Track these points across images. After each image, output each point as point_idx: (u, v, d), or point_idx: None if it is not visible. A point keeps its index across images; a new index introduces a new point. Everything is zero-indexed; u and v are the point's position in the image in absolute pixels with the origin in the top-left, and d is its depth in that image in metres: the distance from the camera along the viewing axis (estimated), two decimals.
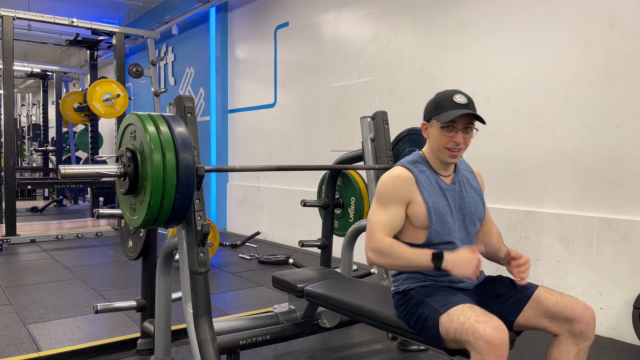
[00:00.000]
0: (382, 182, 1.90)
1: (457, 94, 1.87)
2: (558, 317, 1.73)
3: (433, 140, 1.87)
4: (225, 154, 7.52)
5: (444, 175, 1.92)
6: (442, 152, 1.85)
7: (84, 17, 7.38)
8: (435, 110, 1.85)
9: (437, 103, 1.87)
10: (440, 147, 1.85)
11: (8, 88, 6.35)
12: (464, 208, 1.91)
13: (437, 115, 1.84)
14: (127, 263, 5.13)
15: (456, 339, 1.62)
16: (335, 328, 2.59)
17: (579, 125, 3.44)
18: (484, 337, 1.51)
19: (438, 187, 1.88)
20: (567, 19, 3.50)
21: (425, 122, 1.90)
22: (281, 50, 6.44)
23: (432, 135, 1.88)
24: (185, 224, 2.15)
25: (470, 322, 1.57)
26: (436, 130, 1.84)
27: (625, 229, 3.14)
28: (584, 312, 1.72)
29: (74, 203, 11.01)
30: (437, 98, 1.89)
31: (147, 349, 2.82)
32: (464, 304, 1.67)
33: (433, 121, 1.85)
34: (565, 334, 1.74)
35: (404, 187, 1.85)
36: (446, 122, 1.80)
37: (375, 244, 1.82)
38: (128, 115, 2.05)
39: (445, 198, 1.88)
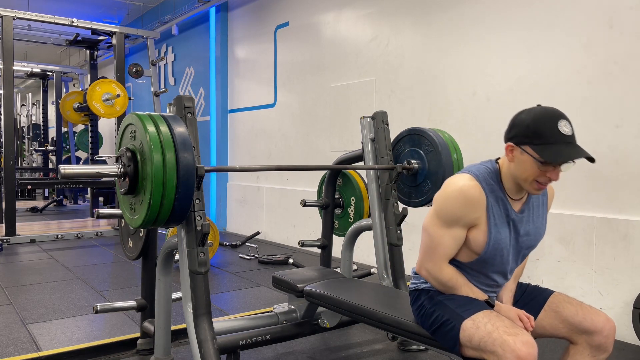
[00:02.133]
0: (451, 196, 1.65)
1: (561, 119, 1.57)
2: (577, 327, 1.67)
3: (522, 169, 1.62)
4: (225, 154, 7.52)
5: (514, 199, 1.71)
6: (529, 184, 1.63)
7: (84, 17, 7.38)
8: (535, 138, 1.57)
9: (538, 129, 1.57)
10: (528, 179, 1.62)
11: (8, 88, 6.35)
12: (524, 241, 1.75)
13: (537, 147, 1.56)
14: (127, 263, 5.13)
15: (480, 347, 1.53)
16: (335, 328, 2.59)
17: (579, 125, 3.42)
18: (514, 352, 1.43)
19: (506, 215, 1.69)
20: (567, 19, 3.50)
21: (514, 144, 1.63)
22: (281, 50, 6.44)
23: (520, 164, 1.61)
24: (185, 224, 2.15)
25: (500, 333, 1.49)
26: (529, 160, 1.59)
27: (625, 229, 3.14)
28: (604, 325, 1.65)
29: (74, 203, 11.01)
30: (536, 120, 1.58)
31: (147, 349, 2.81)
32: (489, 310, 1.60)
33: (528, 149, 1.58)
34: (583, 344, 1.68)
35: (474, 210, 1.64)
36: (554, 162, 1.55)
37: (436, 272, 1.69)
38: (128, 115, 2.05)
39: (508, 229, 1.69)
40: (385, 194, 2.89)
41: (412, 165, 2.90)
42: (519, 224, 1.71)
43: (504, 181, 1.70)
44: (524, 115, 1.63)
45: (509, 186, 1.69)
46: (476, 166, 1.74)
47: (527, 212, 1.74)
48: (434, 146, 2.82)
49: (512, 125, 1.67)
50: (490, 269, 1.72)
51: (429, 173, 2.86)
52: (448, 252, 1.69)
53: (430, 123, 4.37)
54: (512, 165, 1.66)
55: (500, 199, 1.68)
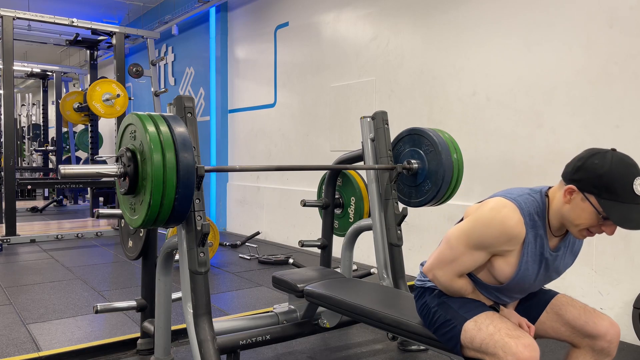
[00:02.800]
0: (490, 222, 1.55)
1: (638, 177, 1.44)
2: (579, 331, 1.64)
3: (577, 215, 1.49)
4: (225, 154, 7.52)
5: (554, 236, 1.60)
6: (579, 231, 1.52)
7: (84, 17, 7.38)
8: (605, 192, 1.43)
9: (611, 184, 1.43)
10: (579, 226, 1.50)
11: (8, 88, 6.35)
12: (550, 276, 1.68)
13: (605, 201, 1.43)
14: (127, 263, 5.13)
15: (481, 349, 1.52)
16: (335, 328, 2.59)
17: (579, 125, 3.44)
18: (516, 355, 1.42)
19: (540, 254, 1.59)
20: (567, 19, 3.50)
21: (578, 190, 1.47)
22: (281, 50, 6.44)
23: (578, 210, 1.48)
24: (185, 224, 2.15)
25: (501, 335, 1.48)
26: (589, 210, 1.46)
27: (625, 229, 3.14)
28: (608, 330, 1.62)
29: (74, 203, 11.01)
30: (611, 173, 1.44)
31: (147, 349, 2.82)
32: (492, 311, 1.59)
33: (593, 200, 1.45)
34: (586, 348, 1.65)
35: (509, 245, 1.55)
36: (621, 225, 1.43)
37: (445, 281, 1.66)
38: (128, 115, 2.05)
39: (539, 267, 1.61)
40: (385, 194, 2.89)
41: (412, 165, 2.90)
42: (551, 262, 1.63)
43: (550, 217, 1.57)
44: (598, 162, 1.46)
45: (553, 223, 1.57)
46: (524, 195, 1.59)
47: (563, 249, 1.64)
48: (434, 146, 2.82)
49: (579, 168, 1.49)
50: (507, 294, 1.69)
51: (429, 173, 2.86)
52: (462, 270, 1.64)
53: (430, 123, 4.37)
54: (566, 207, 1.51)
55: (540, 236, 1.57)
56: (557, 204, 1.54)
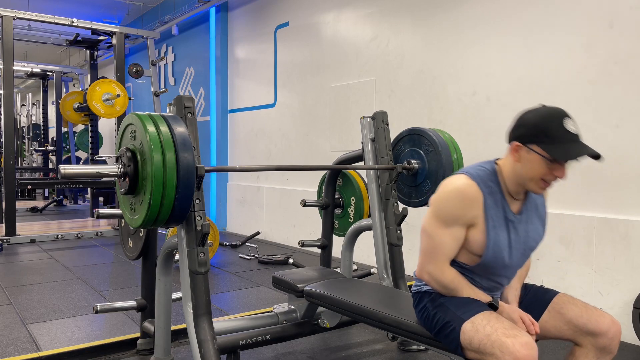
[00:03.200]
0: (447, 195, 1.66)
1: (565, 117, 1.58)
2: (581, 329, 1.65)
3: (529, 168, 1.61)
4: (225, 154, 7.52)
5: (514, 200, 1.70)
6: (535, 183, 1.62)
7: (84, 17, 7.38)
8: (543, 136, 1.56)
9: (545, 129, 1.57)
10: (534, 178, 1.61)
11: (8, 88, 6.35)
12: (523, 242, 1.73)
13: (545, 145, 1.56)
14: (127, 263, 5.13)
15: (479, 350, 1.52)
16: (335, 328, 2.59)
17: (579, 125, 3.44)
18: (513, 354, 1.42)
19: (504, 217, 1.67)
20: (567, 19, 3.50)
21: (520, 144, 1.61)
22: (281, 50, 6.44)
23: (528, 163, 1.60)
24: (185, 224, 2.15)
25: (498, 335, 1.48)
26: (537, 159, 1.58)
27: (625, 229, 3.14)
28: (609, 327, 1.63)
29: (74, 203, 11.01)
30: (543, 119, 1.59)
31: (147, 349, 2.82)
32: (489, 311, 1.59)
33: (536, 148, 1.57)
34: (588, 346, 1.66)
35: (471, 209, 1.63)
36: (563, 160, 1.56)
37: (437, 274, 1.67)
38: (128, 115, 2.05)
39: (507, 232, 1.68)
40: (385, 194, 2.89)
41: (412, 165, 2.90)
42: (517, 225, 1.70)
43: (503, 182, 1.69)
44: (530, 115, 1.62)
45: (509, 187, 1.68)
46: (473, 167, 1.73)
47: (526, 213, 1.73)
48: (434, 146, 2.82)
49: (518, 125, 1.65)
50: (493, 271, 1.71)
51: (429, 173, 2.86)
52: (448, 253, 1.68)
53: (430, 123, 4.37)
54: (517, 165, 1.64)
55: (499, 200, 1.67)
56: (509, 166, 1.68)
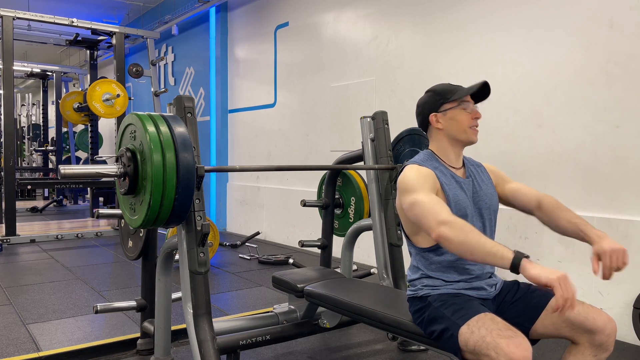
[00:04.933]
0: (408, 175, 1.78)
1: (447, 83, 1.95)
2: (579, 326, 1.67)
3: (454, 124, 1.83)
4: (225, 154, 7.52)
5: (456, 168, 1.89)
6: (467, 132, 1.83)
7: (83, 17, 7.38)
8: (445, 95, 1.84)
9: (442, 91, 1.87)
10: (463, 128, 1.82)
11: (8, 88, 6.35)
12: (480, 201, 1.87)
13: (451, 99, 1.82)
14: (127, 263, 5.13)
15: (475, 351, 1.54)
16: (335, 328, 2.59)
17: (579, 125, 3.44)
18: (507, 355, 1.44)
19: (454, 180, 1.84)
20: (567, 19, 3.50)
21: (435, 113, 1.84)
22: (281, 50, 6.44)
23: (450, 121, 1.83)
24: (185, 224, 2.15)
25: (493, 336, 1.50)
26: (454, 111, 1.82)
27: (625, 229, 3.14)
28: (606, 325, 1.66)
29: (74, 203, 11.01)
30: (435, 89, 1.90)
31: (147, 349, 2.81)
32: (484, 313, 1.61)
33: (447, 105, 1.83)
34: (585, 344, 1.68)
35: (428, 177, 1.77)
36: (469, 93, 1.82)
37: (446, 217, 1.60)
38: (128, 115, 2.05)
39: (463, 191, 1.83)
40: (385, 194, 2.89)
41: None
42: (468, 186, 1.88)
43: (441, 156, 1.90)
44: (425, 95, 1.94)
45: (448, 157, 1.89)
46: (414, 158, 1.91)
47: (471, 177, 1.91)
48: None
49: (422, 104, 1.93)
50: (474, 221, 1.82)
51: None
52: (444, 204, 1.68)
53: None
54: (444, 132, 1.87)
55: (445, 170, 1.86)
56: (438, 141, 1.90)
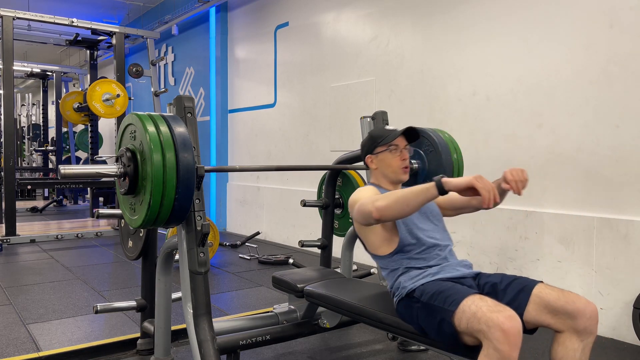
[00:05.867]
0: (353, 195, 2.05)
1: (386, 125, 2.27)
2: (560, 312, 1.73)
3: (386, 165, 2.12)
4: (225, 154, 7.52)
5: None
6: (398, 171, 2.12)
7: (83, 17, 7.37)
8: (377, 140, 2.13)
9: (375, 136, 2.16)
10: (394, 168, 2.12)
11: (8, 88, 6.35)
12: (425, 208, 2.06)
13: (382, 143, 2.11)
14: (127, 263, 5.13)
15: (468, 329, 1.61)
16: (335, 328, 2.59)
17: (579, 125, 3.44)
18: (499, 326, 1.51)
19: None
20: (567, 19, 3.50)
21: (370, 155, 2.16)
22: (281, 50, 6.44)
23: (383, 162, 2.13)
24: (185, 224, 2.15)
25: (483, 311, 1.57)
26: (384, 155, 2.12)
27: (625, 229, 3.14)
28: (585, 307, 1.71)
29: (74, 203, 11.01)
30: (372, 134, 2.19)
31: (147, 349, 2.81)
32: (473, 294, 1.67)
33: (378, 149, 2.13)
34: (569, 330, 1.73)
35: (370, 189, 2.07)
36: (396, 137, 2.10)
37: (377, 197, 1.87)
38: (128, 115, 2.05)
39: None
40: None
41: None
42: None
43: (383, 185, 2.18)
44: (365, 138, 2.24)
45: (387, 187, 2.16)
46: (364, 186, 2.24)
47: None
48: (434, 146, 2.82)
49: (362, 147, 2.23)
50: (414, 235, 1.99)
51: (429, 173, 2.85)
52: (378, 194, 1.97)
53: (430, 123, 4.37)
54: (379, 170, 2.15)
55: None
56: (375, 176, 2.19)
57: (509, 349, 1.50)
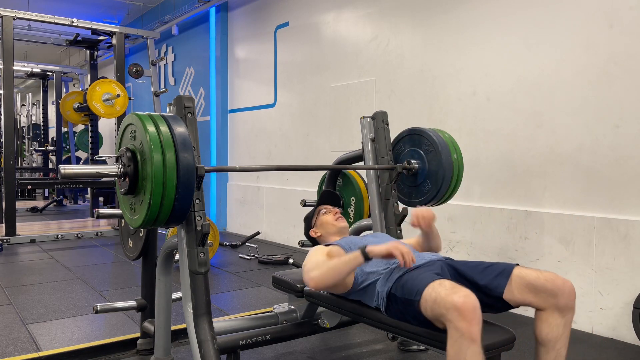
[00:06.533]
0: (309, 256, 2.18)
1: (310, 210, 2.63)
2: (541, 291, 1.83)
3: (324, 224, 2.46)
4: (225, 154, 7.52)
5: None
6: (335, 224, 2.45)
7: (84, 17, 7.38)
8: (310, 218, 2.55)
9: (308, 217, 2.57)
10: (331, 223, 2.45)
11: (8, 88, 6.35)
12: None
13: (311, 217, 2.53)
14: (127, 263, 5.13)
15: (434, 315, 1.70)
16: (335, 328, 2.59)
17: (579, 125, 3.44)
18: (454, 305, 1.58)
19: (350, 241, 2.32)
20: (567, 19, 3.50)
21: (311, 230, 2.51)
22: (281, 50, 6.44)
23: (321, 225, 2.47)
24: (185, 224, 2.15)
25: (441, 296, 1.65)
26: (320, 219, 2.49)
27: (625, 229, 3.14)
28: (564, 285, 1.82)
29: (74, 203, 11.01)
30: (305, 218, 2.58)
31: (147, 349, 2.82)
32: (433, 281, 1.75)
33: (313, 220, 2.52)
34: (551, 308, 1.83)
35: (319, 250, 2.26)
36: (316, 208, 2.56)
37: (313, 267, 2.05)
38: (128, 115, 2.05)
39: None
40: (385, 194, 2.89)
41: (412, 165, 2.90)
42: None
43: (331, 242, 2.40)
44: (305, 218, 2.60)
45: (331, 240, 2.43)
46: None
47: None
48: (434, 146, 2.82)
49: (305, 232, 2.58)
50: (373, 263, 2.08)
51: (429, 173, 2.86)
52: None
53: (430, 123, 4.37)
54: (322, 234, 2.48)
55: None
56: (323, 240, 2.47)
57: (467, 324, 1.56)
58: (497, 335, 1.81)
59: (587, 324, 3.27)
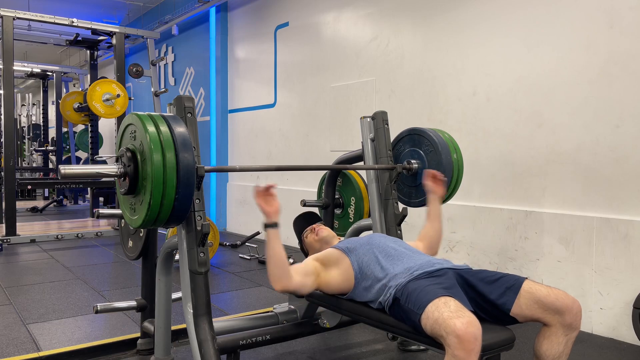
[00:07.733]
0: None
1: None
2: (550, 308, 1.81)
3: (314, 248, 2.55)
4: (225, 154, 7.52)
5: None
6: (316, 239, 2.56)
7: (84, 17, 7.38)
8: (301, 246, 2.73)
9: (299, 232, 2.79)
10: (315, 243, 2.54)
11: (8, 88, 6.35)
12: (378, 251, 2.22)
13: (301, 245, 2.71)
14: (127, 263, 5.13)
15: (433, 334, 1.67)
16: (335, 328, 2.60)
17: (579, 125, 3.44)
18: (455, 332, 1.55)
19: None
20: (567, 19, 3.50)
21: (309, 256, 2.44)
22: (281, 50, 6.44)
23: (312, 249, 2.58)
24: (185, 224, 2.15)
25: (443, 318, 1.62)
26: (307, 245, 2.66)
27: (625, 229, 3.14)
28: (572, 304, 1.81)
29: (74, 203, 11.01)
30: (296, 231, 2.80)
31: (147, 349, 2.82)
32: (438, 298, 1.72)
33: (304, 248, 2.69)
34: (557, 325, 1.82)
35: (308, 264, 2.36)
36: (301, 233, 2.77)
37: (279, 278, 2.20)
38: (128, 115, 2.05)
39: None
40: (385, 194, 2.89)
41: (412, 166, 2.90)
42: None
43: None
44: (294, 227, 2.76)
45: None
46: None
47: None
48: (434, 146, 2.82)
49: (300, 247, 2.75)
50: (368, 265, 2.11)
51: None
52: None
53: (430, 123, 4.37)
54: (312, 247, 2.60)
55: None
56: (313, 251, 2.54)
57: (465, 354, 1.54)
58: (497, 335, 1.81)
59: (587, 324, 3.27)
